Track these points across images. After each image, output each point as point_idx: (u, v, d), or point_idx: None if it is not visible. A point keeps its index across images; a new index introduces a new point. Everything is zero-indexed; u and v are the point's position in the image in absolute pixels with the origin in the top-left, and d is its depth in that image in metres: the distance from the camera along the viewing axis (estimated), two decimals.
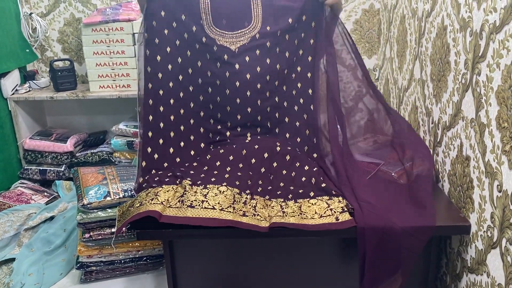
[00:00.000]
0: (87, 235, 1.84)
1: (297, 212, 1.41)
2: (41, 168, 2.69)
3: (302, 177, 1.57)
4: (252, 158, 1.59)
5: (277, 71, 1.71)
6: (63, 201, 2.40)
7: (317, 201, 1.46)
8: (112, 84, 2.64)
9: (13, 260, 2.02)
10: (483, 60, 1.29)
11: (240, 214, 1.36)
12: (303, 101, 1.75)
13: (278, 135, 1.73)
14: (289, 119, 1.75)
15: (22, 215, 2.27)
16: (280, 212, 1.41)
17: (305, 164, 1.61)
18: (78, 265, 1.88)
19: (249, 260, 1.56)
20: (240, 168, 1.56)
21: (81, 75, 2.93)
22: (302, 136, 1.73)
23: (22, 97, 2.66)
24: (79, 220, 1.82)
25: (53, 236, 2.13)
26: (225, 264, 1.58)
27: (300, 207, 1.44)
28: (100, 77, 2.63)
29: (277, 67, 1.71)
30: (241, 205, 1.40)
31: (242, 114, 1.70)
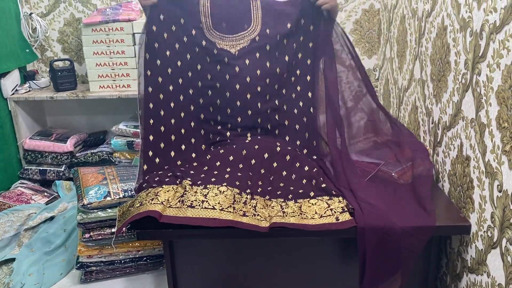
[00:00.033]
0: (87, 235, 1.84)
1: (297, 212, 1.41)
2: (41, 168, 2.69)
3: (302, 177, 1.57)
4: (252, 159, 1.59)
5: (277, 74, 1.72)
6: (63, 201, 2.40)
7: (317, 201, 1.46)
8: (112, 84, 2.64)
9: (13, 260, 2.01)
10: (483, 60, 1.29)
11: (240, 214, 1.36)
12: (303, 104, 1.76)
13: (278, 137, 1.73)
14: (289, 121, 1.75)
15: (22, 215, 2.27)
16: (280, 212, 1.41)
17: (305, 164, 1.61)
18: (78, 265, 1.88)
19: (249, 260, 1.56)
20: (240, 169, 1.56)
21: (81, 75, 2.93)
22: (301, 139, 1.75)
23: (22, 97, 2.66)
24: (79, 220, 1.82)
25: (53, 236, 2.13)
26: (225, 264, 1.58)
27: (300, 207, 1.44)
28: (100, 77, 2.63)
29: (277, 70, 1.72)
30: (241, 205, 1.40)
31: (243, 117, 1.71)
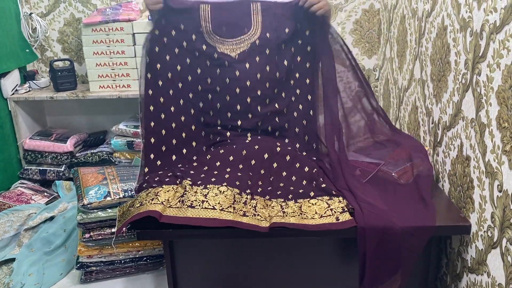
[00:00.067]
0: (87, 235, 1.84)
1: (297, 212, 1.41)
2: (41, 168, 2.69)
3: (302, 178, 1.58)
4: (252, 159, 1.59)
5: (277, 78, 1.73)
6: (63, 201, 2.40)
7: (317, 201, 1.46)
8: (112, 84, 2.64)
9: (13, 260, 2.01)
10: (483, 60, 1.29)
11: (240, 214, 1.36)
12: (302, 107, 1.77)
13: (278, 138, 1.74)
14: (289, 124, 1.76)
15: (22, 215, 2.27)
16: (281, 212, 1.41)
17: (305, 165, 1.61)
18: (78, 265, 1.88)
19: (249, 260, 1.55)
20: (240, 169, 1.56)
21: (81, 75, 2.93)
22: (301, 141, 1.75)
23: (22, 97, 2.66)
24: (79, 220, 1.82)
25: (53, 236, 2.12)
26: (225, 264, 1.58)
27: (300, 207, 1.44)
28: (100, 77, 2.63)
29: (277, 74, 1.73)
30: (241, 205, 1.40)
31: (243, 120, 1.71)
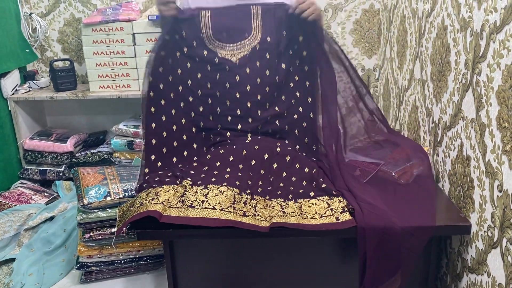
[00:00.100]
0: (87, 235, 1.84)
1: (297, 212, 1.41)
2: (41, 168, 2.69)
3: (302, 178, 1.57)
4: (252, 159, 1.59)
5: (276, 82, 1.74)
6: (63, 201, 2.40)
7: (318, 201, 1.46)
8: (112, 84, 2.64)
9: (13, 260, 2.01)
10: (484, 60, 1.29)
11: (240, 214, 1.36)
12: (303, 109, 1.78)
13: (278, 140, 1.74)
14: (289, 127, 1.77)
15: (22, 215, 2.27)
16: (281, 212, 1.41)
17: (305, 166, 1.61)
18: (78, 265, 1.88)
19: (249, 260, 1.55)
20: (240, 169, 1.56)
21: (81, 75, 2.93)
22: (301, 143, 1.76)
23: (22, 97, 2.66)
24: (79, 220, 1.82)
25: (53, 236, 2.13)
26: (225, 264, 1.58)
27: (300, 207, 1.44)
28: (100, 77, 2.63)
29: (276, 78, 1.73)
30: (242, 205, 1.40)
31: (243, 124, 1.72)
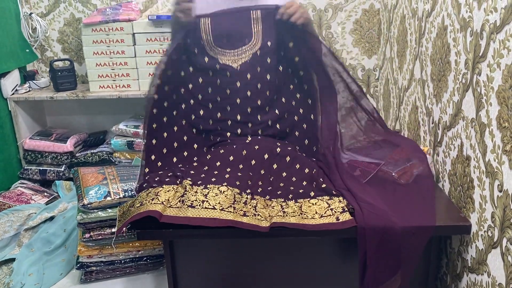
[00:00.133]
0: (87, 235, 1.84)
1: (297, 212, 1.41)
2: (41, 168, 2.69)
3: (302, 179, 1.58)
4: (252, 159, 1.59)
5: (277, 86, 1.75)
6: (63, 201, 2.40)
7: (318, 201, 1.46)
8: (112, 84, 2.64)
9: (13, 260, 2.01)
10: (484, 60, 1.29)
11: (240, 214, 1.36)
12: (303, 110, 1.79)
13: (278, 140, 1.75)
14: (290, 129, 1.78)
15: (22, 215, 2.27)
16: (281, 212, 1.41)
17: (305, 166, 1.61)
18: (78, 265, 1.88)
19: (249, 260, 1.55)
20: (240, 169, 1.56)
21: (81, 75, 2.93)
22: (301, 145, 1.76)
23: (22, 97, 2.66)
24: (79, 220, 1.82)
25: (53, 236, 2.12)
26: (225, 264, 1.57)
27: (300, 207, 1.44)
28: (100, 77, 2.63)
29: (277, 82, 1.74)
30: (242, 205, 1.40)
31: (243, 128, 1.73)
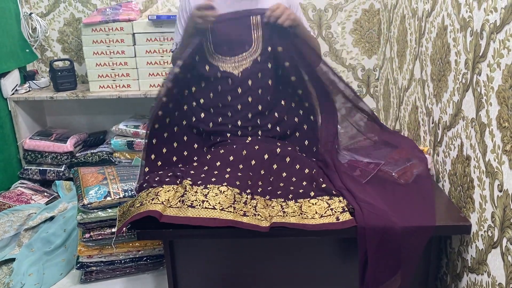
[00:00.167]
0: (87, 235, 1.84)
1: (297, 212, 1.41)
2: (41, 168, 2.69)
3: (302, 179, 1.58)
4: (252, 159, 1.59)
5: (277, 89, 1.75)
6: (63, 201, 2.40)
7: (318, 201, 1.46)
8: (112, 84, 2.64)
9: (13, 260, 2.01)
10: (484, 60, 1.29)
11: (240, 214, 1.36)
12: (302, 112, 1.79)
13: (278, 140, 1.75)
14: (290, 130, 1.78)
15: (22, 215, 2.27)
16: (281, 212, 1.41)
17: (305, 166, 1.61)
18: (78, 265, 1.88)
19: (249, 260, 1.55)
20: (240, 169, 1.56)
21: (81, 75, 2.93)
22: (301, 145, 1.77)
23: (22, 97, 2.66)
24: (79, 220, 1.82)
25: (53, 236, 2.13)
26: (225, 264, 1.57)
27: (300, 207, 1.44)
28: (100, 77, 2.63)
29: (277, 86, 1.75)
30: (242, 205, 1.40)
31: (243, 131, 1.73)
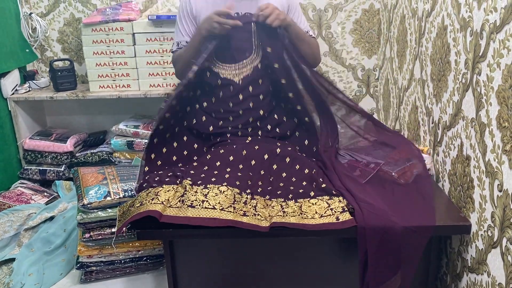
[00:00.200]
0: (87, 235, 1.84)
1: (297, 212, 1.41)
2: (41, 168, 2.69)
3: (302, 179, 1.58)
4: (252, 159, 1.60)
5: (277, 94, 1.77)
6: (63, 201, 2.40)
7: (318, 201, 1.46)
8: (112, 84, 2.64)
9: (13, 260, 2.01)
10: (484, 59, 1.29)
11: (240, 214, 1.36)
12: (302, 113, 1.79)
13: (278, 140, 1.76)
14: (290, 131, 1.79)
15: (22, 215, 2.27)
16: (281, 212, 1.41)
17: (305, 167, 1.61)
18: (78, 265, 1.88)
19: (249, 260, 1.55)
20: (240, 169, 1.56)
21: (81, 75, 2.93)
22: (301, 145, 1.78)
23: (22, 97, 2.66)
24: (79, 220, 1.82)
25: (53, 236, 2.12)
26: (225, 264, 1.58)
27: (300, 207, 1.44)
28: (100, 77, 2.63)
29: (278, 91, 1.76)
30: (242, 205, 1.40)
31: (244, 133, 1.74)
